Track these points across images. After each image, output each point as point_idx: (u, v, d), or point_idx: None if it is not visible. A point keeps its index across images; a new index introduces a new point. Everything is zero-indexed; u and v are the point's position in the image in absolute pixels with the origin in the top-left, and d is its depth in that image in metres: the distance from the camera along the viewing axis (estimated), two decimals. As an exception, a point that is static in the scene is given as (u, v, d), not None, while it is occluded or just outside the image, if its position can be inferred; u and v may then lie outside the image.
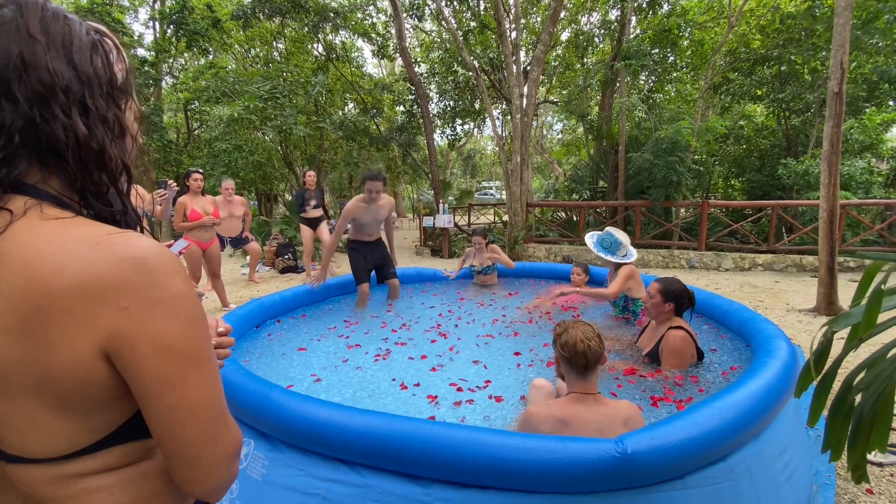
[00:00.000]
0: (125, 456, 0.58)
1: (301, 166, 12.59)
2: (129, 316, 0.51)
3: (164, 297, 0.53)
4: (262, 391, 1.75)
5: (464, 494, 1.41)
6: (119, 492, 0.58)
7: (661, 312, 2.49)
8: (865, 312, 0.79)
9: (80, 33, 0.55)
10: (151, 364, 0.52)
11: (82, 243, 0.52)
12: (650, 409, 2.12)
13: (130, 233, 0.56)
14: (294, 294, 3.90)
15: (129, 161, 0.63)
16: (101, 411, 0.55)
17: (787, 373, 1.88)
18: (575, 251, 8.38)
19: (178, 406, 0.54)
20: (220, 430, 0.58)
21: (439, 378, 2.65)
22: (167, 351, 0.53)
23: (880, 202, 7.43)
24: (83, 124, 0.54)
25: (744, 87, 10.21)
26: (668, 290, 2.45)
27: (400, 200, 25.15)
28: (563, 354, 1.56)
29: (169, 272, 0.54)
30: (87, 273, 0.50)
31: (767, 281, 6.43)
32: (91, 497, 0.56)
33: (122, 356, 0.52)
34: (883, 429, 0.98)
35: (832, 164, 4.38)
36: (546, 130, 24.29)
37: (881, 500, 1.82)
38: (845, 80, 4.26)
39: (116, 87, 0.59)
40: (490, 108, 9.32)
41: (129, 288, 0.51)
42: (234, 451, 0.60)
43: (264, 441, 1.70)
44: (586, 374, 1.56)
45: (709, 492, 1.48)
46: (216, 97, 8.20)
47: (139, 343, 0.51)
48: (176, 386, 0.53)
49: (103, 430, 0.56)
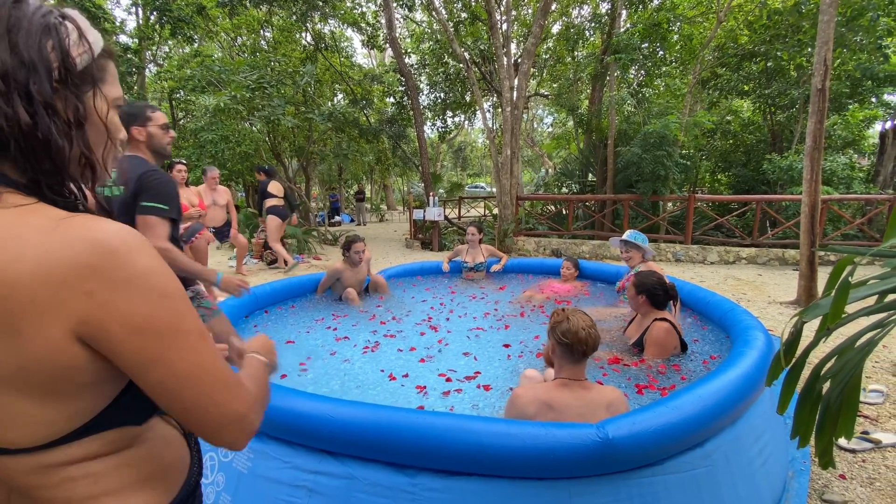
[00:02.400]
0: (109, 444, 0.58)
1: (289, 158, 12.45)
2: (95, 300, 0.50)
3: (128, 276, 0.52)
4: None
5: (449, 483, 1.43)
6: (104, 479, 0.58)
7: (637, 305, 2.57)
8: (833, 303, 0.82)
9: (29, 17, 0.53)
10: (129, 345, 0.52)
11: (38, 229, 0.51)
12: (635, 396, 2.17)
13: (87, 215, 0.55)
14: (284, 285, 3.89)
15: (103, 153, 0.61)
16: (82, 396, 0.55)
17: (763, 362, 1.93)
18: (564, 244, 8.44)
19: (166, 380, 0.54)
20: (220, 393, 0.58)
21: (428, 369, 2.67)
22: (142, 330, 0.52)
23: (860, 197, 7.60)
24: (26, 112, 0.51)
25: (731, 82, 10.31)
26: (641, 283, 2.53)
27: (390, 193, 25.05)
28: (563, 341, 1.59)
29: (130, 250, 0.53)
30: (46, 259, 0.49)
31: (751, 274, 6.55)
32: (75, 485, 0.56)
33: (98, 340, 0.52)
34: (849, 416, 1.02)
35: (814, 159, 4.46)
36: (537, 123, 24.32)
37: (853, 485, 1.89)
38: (829, 76, 4.33)
39: (73, 73, 0.55)
40: (480, 100, 9.29)
41: (91, 271, 0.50)
42: (245, 410, 0.60)
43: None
44: (581, 362, 1.61)
45: (687, 477, 1.52)
46: (202, 86, 8.04)
47: (112, 326, 0.51)
48: (159, 362, 0.53)
49: (84, 417, 0.55)
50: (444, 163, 28.73)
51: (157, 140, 1.94)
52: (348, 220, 17.53)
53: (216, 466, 1.71)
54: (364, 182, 22.28)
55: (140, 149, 1.92)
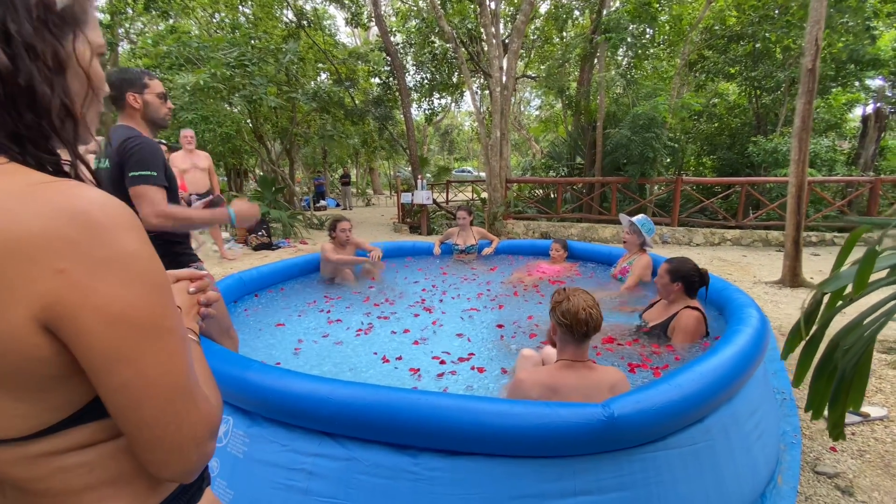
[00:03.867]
0: (103, 431, 0.52)
1: (272, 140, 12.13)
2: (67, 280, 0.43)
3: (111, 256, 0.44)
4: (238, 366, 1.69)
5: (453, 463, 1.40)
6: (100, 468, 0.52)
7: (670, 292, 2.48)
8: (859, 272, 0.80)
9: None
10: (99, 337, 0.45)
11: (9, 194, 0.43)
12: (629, 375, 2.17)
13: (69, 181, 0.47)
14: (273, 269, 3.79)
15: (82, 106, 0.53)
16: (58, 390, 0.48)
17: (758, 339, 1.95)
18: (553, 227, 8.45)
19: (131, 383, 0.47)
20: (186, 409, 0.51)
21: (422, 351, 2.65)
22: (118, 321, 0.45)
23: (844, 179, 7.75)
24: (5, 55, 0.45)
25: (718, 64, 10.32)
26: (676, 270, 2.45)
27: (376, 177, 24.71)
28: (563, 322, 1.55)
29: (118, 226, 0.45)
30: (14, 229, 0.42)
31: (736, 255, 6.67)
32: (68, 475, 0.51)
33: (64, 329, 0.44)
34: (860, 388, 1.02)
35: (803, 140, 4.50)
36: (524, 107, 24.14)
37: (844, 458, 1.93)
38: (819, 56, 4.33)
39: (54, 12, 0.49)
40: (469, 80, 9.13)
41: (67, 246, 0.43)
42: (206, 433, 0.53)
43: (243, 417, 1.65)
44: (583, 342, 1.58)
45: (687, 451, 1.53)
46: (179, 63, 7.70)
47: (83, 313, 0.44)
48: (130, 361, 0.46)
49: (68, 409, 0.49)
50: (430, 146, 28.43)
51: (154, 109, 1.81)
52: (334, 205, 17.27)
53: (210, 452, 1.66)
54: (349, 166, 21.92)
55: (135, 118, 1.78)
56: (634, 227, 3.61)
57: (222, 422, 1.71)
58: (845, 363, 0.96)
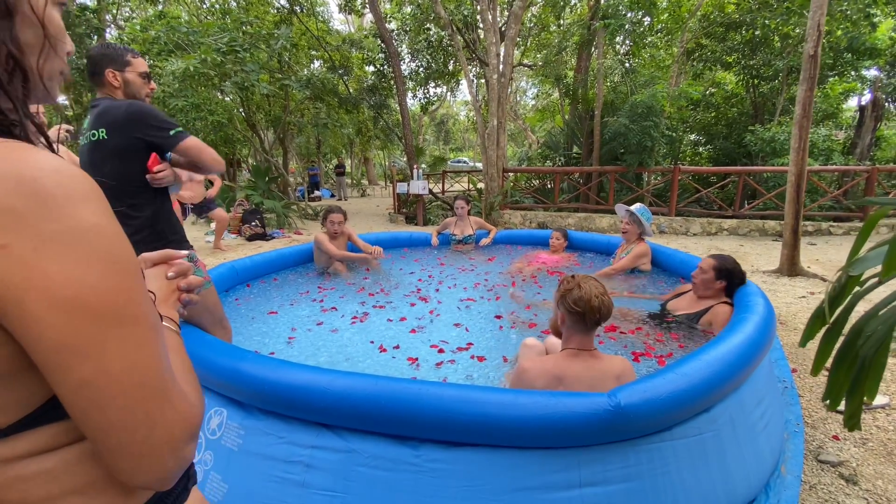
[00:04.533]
0: (65, 433, 0.45)
1: (265, 129, 11.94)
2: (10, 258, 0.36)
3: (63, 230, 0.38)
4: (232, 357, 1.64)
5: (455, 454, 1.36)
6: (65, 476, 0.45)
7: (710, 288, 2.42)
8: (889, 253, 0.75)
9: None
10: (50, 326, 0.38)
11: None
12: (632, 363, 2.14)
13: (17, 143, 0.41)
14: (266, 258, 3.72)
15: (38, 59, 0.46)
16: (6, 388, 0.42)
17: (766, 327, 1.92)
18: (550, 217, 8.41)
19: (92, 381, 0.40)
20: (160, 409, 0.44)
21: (419, 340, 2.60)
22: (72, 307, 0.38)
23: (841, 168, 7.74)
24: None
25: (716, 53, 10.25)
26: (723, 267, 2.38)
27: (371, 167, 24.50)
28: (575, 310, 1.51)
29: (73, 196, 0.39)
30: None
31: (733, 244, 6.66)
32: (29, 485, 0.44)
33: (8, 315, 0.38)
34: (876, 376, 0.98)
35: (803, 128, 4.45)
36: (520, 96, 23.95)
37: (847, 446, 1.92)
38: (821, 42, 4.27)
39: None
40: (466, 67, 9.00)
41: (10, 218, 0.36)
42: (184, 435, 0.46)
43: (238, 409, 1.59)
44: (592, 331, 1.55)
45: (694, 441, 1.50)
46: (168, 49, 7.51)
47: (29, 296, 0.37)
48: (89, 355, 0.39)
49: (19, 410, 0.43)
50: (426, 136, 28.20)
51: (135, 89, 1.74)
52: (328, 195, 17.12)
53: (203, 444, 1.61)
54: (344, 156, 21.69)
55: (115, 95, 1.71)
56: (633, 217, 3.55)
57: (216, 414, 1.66)
58: (866, 351, 0.92)
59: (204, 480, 1.55)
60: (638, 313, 2.72)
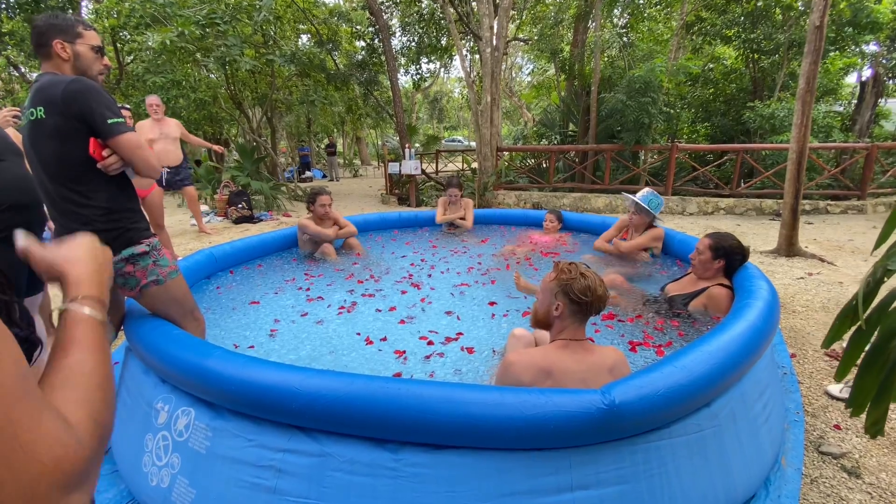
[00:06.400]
0: None
1: (252, 106, 11.57)
2: None
3: None
4: (198, 354, 1.51)
5: (437, 457, 1.26)
6: None
7: (708, 269, 2.29)
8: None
9: None
10: None
11: None
12: (629, 354, 2.05)
13: None
14: (247, 244, 3.57)
15: None
16: None
17: (770, 313, 1.81)
18: (545, 198, 8.25)
19: None
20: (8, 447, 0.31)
21: (408, 331, 2.49)
22: None
23: (841, 145, 7.59)
24: None
25: (716, 26, 9.93)
26: (720, 246, 2.24)
27: (363, 146, 24.02)
28: (582, 300, 1.42)
29: None
30: None
31: (729, 224, 6.56)
32: None
33: None
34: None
35: (806, 102, 4.29)
36: (515, 73, 23.40)
37: (848, 436, 1.84)
38: (827, 12, 4.07)
39: None
40: (458, 42, 8.67)
41: None
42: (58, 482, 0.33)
43: (206, 409, 1.48)
44: (586, 320, 1.46)
45: (693, 439, 1.41)
46: (145, 23, 7.13)
47: None
48: None
49: None
50: (419, 115, 27.63)
51: (86, 63, 1.57)
52: (320, 176, 16.78)
53: (170, 447, 1.50)
54: (335, 135, 21.22)
55: (62, 70, 1.54)
56: (640, 207, 3.28)
57: (184, 414, 1.55)
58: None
59: (171, 485, 1.45)
60: (637, 290, 2.62)
